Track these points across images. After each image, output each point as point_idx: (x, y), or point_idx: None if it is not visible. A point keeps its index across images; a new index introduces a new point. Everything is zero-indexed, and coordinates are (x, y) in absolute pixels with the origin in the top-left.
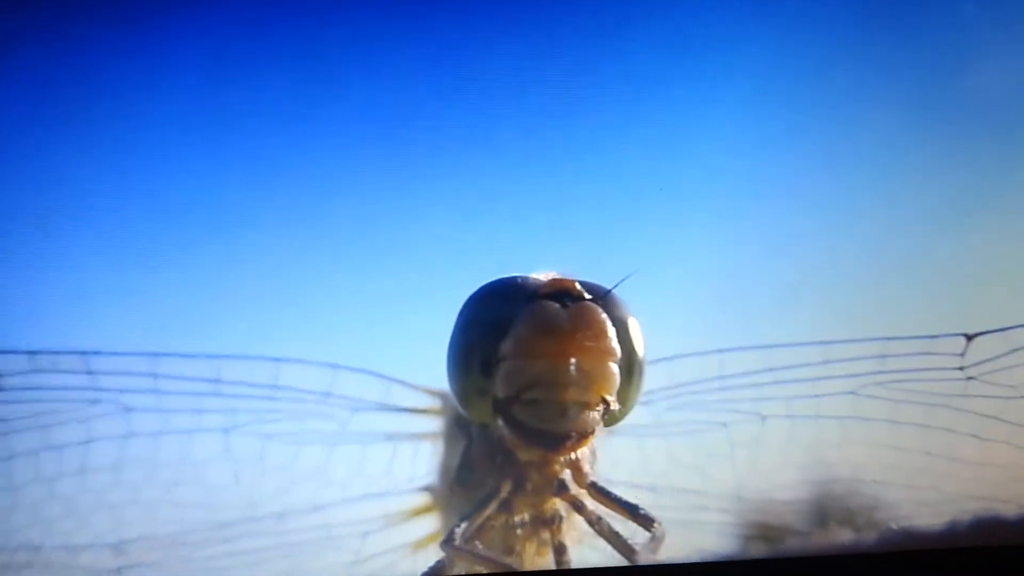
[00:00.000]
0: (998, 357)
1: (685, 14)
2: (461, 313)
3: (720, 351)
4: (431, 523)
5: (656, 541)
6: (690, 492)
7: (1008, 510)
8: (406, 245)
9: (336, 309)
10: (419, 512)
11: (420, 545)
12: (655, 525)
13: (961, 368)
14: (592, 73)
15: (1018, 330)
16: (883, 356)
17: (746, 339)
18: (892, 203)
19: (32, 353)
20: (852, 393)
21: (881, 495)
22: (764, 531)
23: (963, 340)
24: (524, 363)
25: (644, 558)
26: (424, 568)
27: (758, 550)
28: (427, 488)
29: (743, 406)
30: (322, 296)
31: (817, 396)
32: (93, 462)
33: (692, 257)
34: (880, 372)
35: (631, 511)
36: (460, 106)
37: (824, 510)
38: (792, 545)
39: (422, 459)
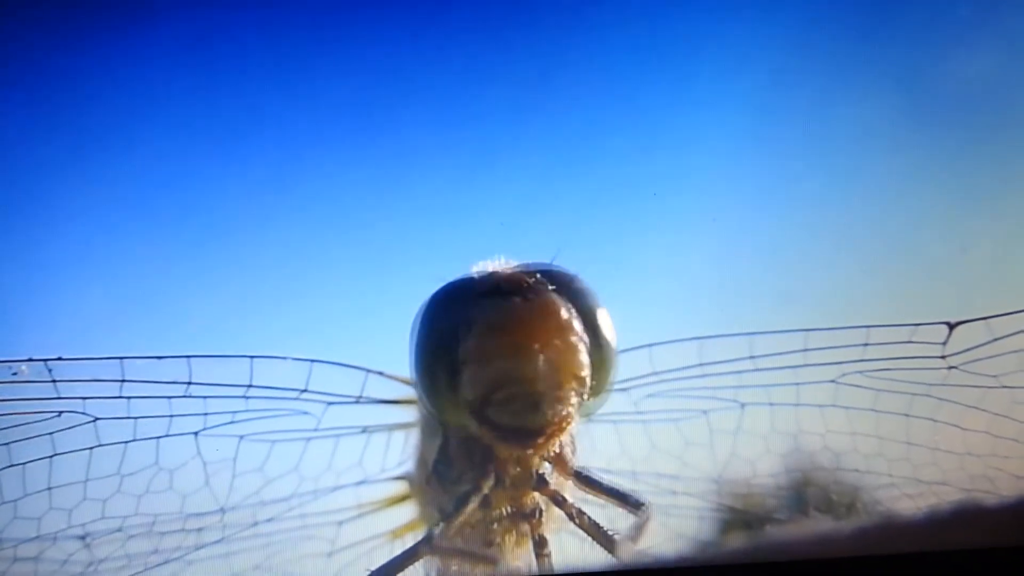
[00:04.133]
0: (980, 346)
1: (681, 18)
2: (419, 320)
3: (700, 338)
4: (408, 512)
5: (641, 525)
6: (669, 478)
7: (988, 500)
8: (379, 239)
9: (312, 303)
10: (395, 501)
11: (397, 534)
12: (643, 508)
13: (943, 357)
14: (582, 72)
15: (1000, 319)
16: (865, 344)
17: (727, 327)
18: (877, 193)
19: None
20: (833, 381)
21: (861, 483)
22: (743, 518)
23: (945, 329)
24: (489, 364)
25: (628, 541)
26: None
27: (737, 537)
28: (403, 477)
29: (723, 393)
30: (298, 291)
31: (798, 384)
32: (60, 478)
33: (673, 245)
34: (862, 360)
35: (619, 497)
36: (447, 107)
37: (804, 498)
38: (772, 533)
39: (396, 448)
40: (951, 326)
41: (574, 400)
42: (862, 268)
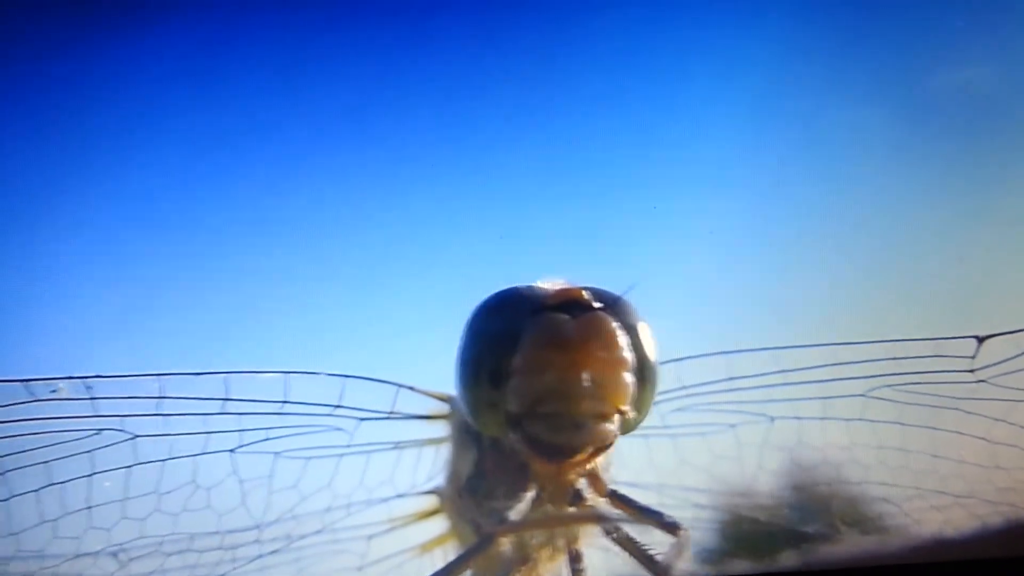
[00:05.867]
0: (1009, 359)
1: (684, 25)
2: (468, 326)
3: (727, 352)
4: (438, 526)
5: (682, 547)
6: (697, 492)
7: (1016, 514)
8: (409, 254)
9: (344, 319)
10: (425, 515)
11: (427, 548)
12: (681, 531)
13: (972, 371)
14: (581, 77)
15: None
16: (893, 358)
17: (755, 341)
18: (907, 205)
19: (27, 381)
20: (861, 395)
21: (889, 497)
22: (770, 531)
23: (974, 342)
24: (536, 377)
25: (672, 566)
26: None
27: (764, 551)
28: (434, 491)
29: (751, 407)
30: (330, 307)
31: (826, 398)
32: (98, 497)
33: (702, 259)
34: (890, 374)
35: (656, 518)
36: (467, 116)
37: (832, 512)
38: (800, 548)
39: (426, 463)
40: (980, 339)
41: (617, 419)
42: (896, 277)
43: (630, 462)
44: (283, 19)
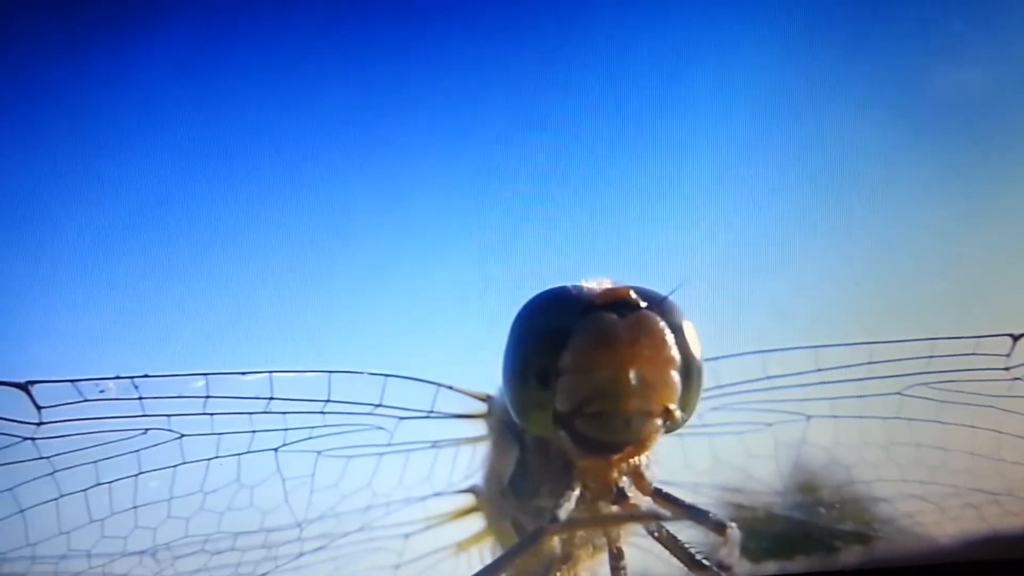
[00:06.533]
0: None
1: (688, 24)
2: (516, 324)
3: (764, 351)
4: (474, 524)
5: (732, 546)
6: (732, 491)
7: None
8: (446, 253)
9: (383, 318)
10: (461, 514)
11: (463, 546)
12: (728, 530)
13: (1007, 368)
14: (580, 79)
15: None
16: (929, 356)
17: (791, 339)
18: (940, 203)
19: (75, 381)
20: (898, 393)
21: (926, 495)
22: (806, 530)
23: (1009, 340)
24: (586, 376)
25: (723, 565)
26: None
27: (800, 550)
28: (471, 490)
29: (788, 406)
30: (368, 306)
31: (862, 396)
32: (145, 496)
33: (738, 258)
34: (926, 372)
35: (700, 517)
36: (447, 117)
37: (868, 511)
38: (835, 548)
39: (464, 462)
40: (1015, 338)
41: (663, 418)
42: (932, 274)
43: (665, 460)
44: (283, 19)
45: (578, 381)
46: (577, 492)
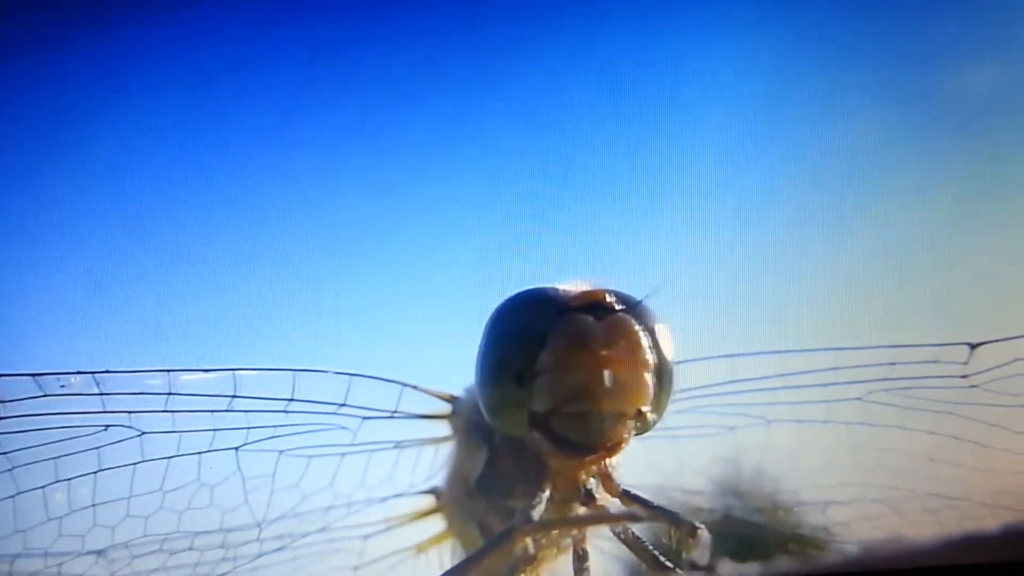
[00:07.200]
0: (1000, 366)
1: (688, 24)
2: (491, 324)
3: (729, 355)
4: (435, 526)
5: (703, 547)
6: (695, 494)
7: (1010, 516)
8: (447, 253)
9: (351, 317)
10: (422, 515)
11: (423, 548)
12: (698, 531)
13: (964, 376)
14: (580, 80)
15: (1020, 340)
16: (890, 364)
17: (756, 345)
18: (902, 214)
19: (37, 375)
20: (859, 399)
21: (887, 500)
22: (766, 535)
23: (967, 349)
24: (563, 377)
25: (693, 566)
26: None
27: (761, 555)
28: (432, 491)
29: (752, 410)
30: (337, 304)
31: (826, 401)
32: (104, 494)
33: (704, 264)
34: (886, 379)
35: (671, 518)
36: (476, 113)
37: (830, 515)
38: (795, 552)
39: (425, 463)
40: (972, 346)
41: (636, 419)
42: (892, 284)
43: (629, 462)
44: (282, 19)
45: (556, 381)
46: (547, 493)
